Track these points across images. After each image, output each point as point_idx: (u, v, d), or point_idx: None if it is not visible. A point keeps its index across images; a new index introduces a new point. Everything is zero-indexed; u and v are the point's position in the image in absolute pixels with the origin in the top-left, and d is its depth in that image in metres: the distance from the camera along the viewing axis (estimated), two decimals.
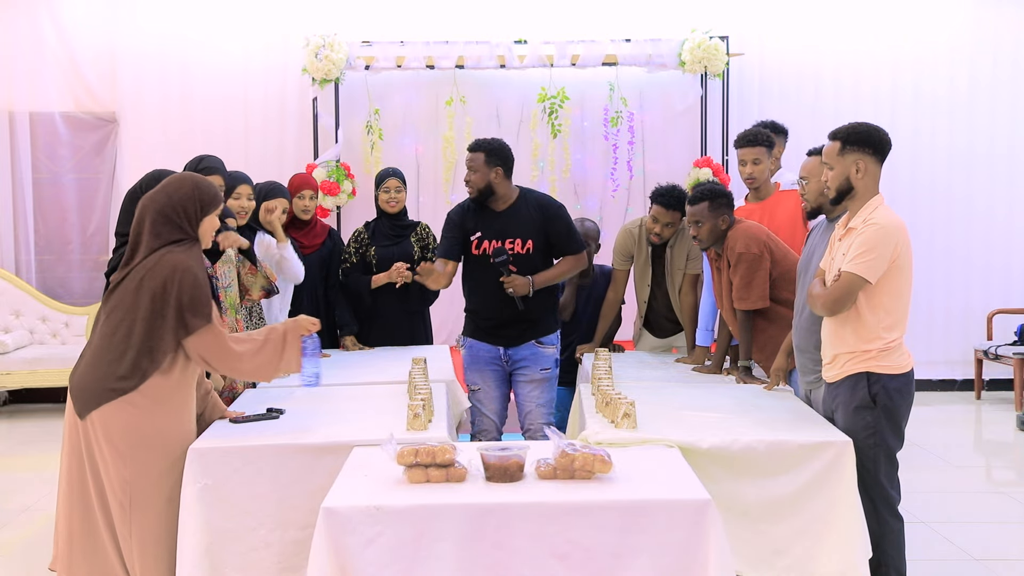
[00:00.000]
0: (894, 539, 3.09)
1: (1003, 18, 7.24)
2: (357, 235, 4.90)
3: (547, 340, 4.23)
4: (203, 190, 3.01)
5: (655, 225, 4.37)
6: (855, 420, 3.08)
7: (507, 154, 4.14)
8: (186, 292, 2.86)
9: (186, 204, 2.96)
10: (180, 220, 2.95)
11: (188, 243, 2.97)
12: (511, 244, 4.11)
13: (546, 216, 4.17)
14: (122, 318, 2.88)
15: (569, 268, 4.24)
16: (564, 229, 4.20)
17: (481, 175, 4.10)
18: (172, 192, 2.98)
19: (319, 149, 6.87)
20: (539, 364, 4.21)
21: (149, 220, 2.93)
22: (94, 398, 2.85)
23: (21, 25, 7.04)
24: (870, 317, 3.04)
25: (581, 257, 4.26)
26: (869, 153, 3.08)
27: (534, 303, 4.14)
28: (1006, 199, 7.32)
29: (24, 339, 6.98)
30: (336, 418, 3.31)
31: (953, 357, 7.35)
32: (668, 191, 4.36)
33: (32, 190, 7.12)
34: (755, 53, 7.11)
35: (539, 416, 4.19)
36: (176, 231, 2.94)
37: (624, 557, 2.44)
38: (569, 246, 4.21)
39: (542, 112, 6.85)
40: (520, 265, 4.09)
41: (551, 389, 4.26)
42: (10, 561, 4.07)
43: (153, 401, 2.88)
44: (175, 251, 2.91)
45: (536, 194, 4.28)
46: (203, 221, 3.00)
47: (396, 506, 2.46)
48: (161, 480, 2.89)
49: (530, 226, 4.13)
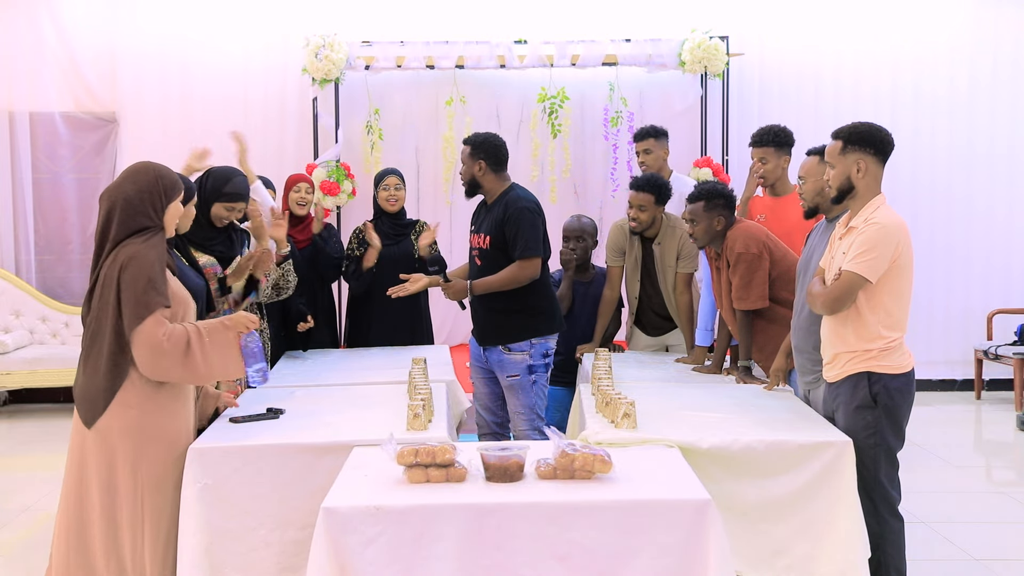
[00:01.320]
0: (894, 539, 3.09)
1: (1003, 18, 7.24)
2: (357, 233, 4.92)
3: (516, 347, 4.11)
4: (164, 176, 3.00)
5: (630, 210, 4.43)
6: (856, 420, 3.08)
7: (492, 148, 4.12)
8: (127, 284, 2.81)
9: (151, 190, 2.95)
10: (145, 207, 2.93)
11: (153, 231, 2.93)
12: (479, 239, 4.17)
13: (506, 216, 4.07)
14: (95, 319, 2.88)
15: (511, 276, 4.05)
16: (513, 232, 4.03)
17: (467, 168, 4.17)
18: (136, 180, 2.96)
19: (319, 149, 6.87)
20: (505, 371, 4.14)
21: (118, 212, 2.90)
22: (93, 406, 2.85)
23: (21, 25, 7.04)
24: (871, 317, 3.04)
25: (526, 265, 4.04)
26: (871, 153, 3.08)
27: (497, 307, 4.11)
28: (1006, 199, 7.32)
29: (24, 339, 6.98)
30: (336, 418, 3.31)
31: (953, 357, 7.35)
32: (641, 177, 4.48)
33: (32, 190, 7.12)
34: (755, 53, 7.11)
35: (519, 422, 4.13)
36: (143, 218, 2.92)
37: (624, 557, 2.44)
38: (514, 250, 4.04)
39: (542, 112, 6.85)
40: (484, 260, 4.16)
41: (528, 395, 4.13)
42: (10, 561, 4.07)
43: (147, 398, 2.86)
44: (134, 242, 2.88)
45: (515, 192, 4.16)
46: (168, 208, 2.99)
47: (396, 506, 2.46)
48: (168, 477, 2.89)
49: (493, 222, 4.12)
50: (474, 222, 4.29)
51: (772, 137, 4.43)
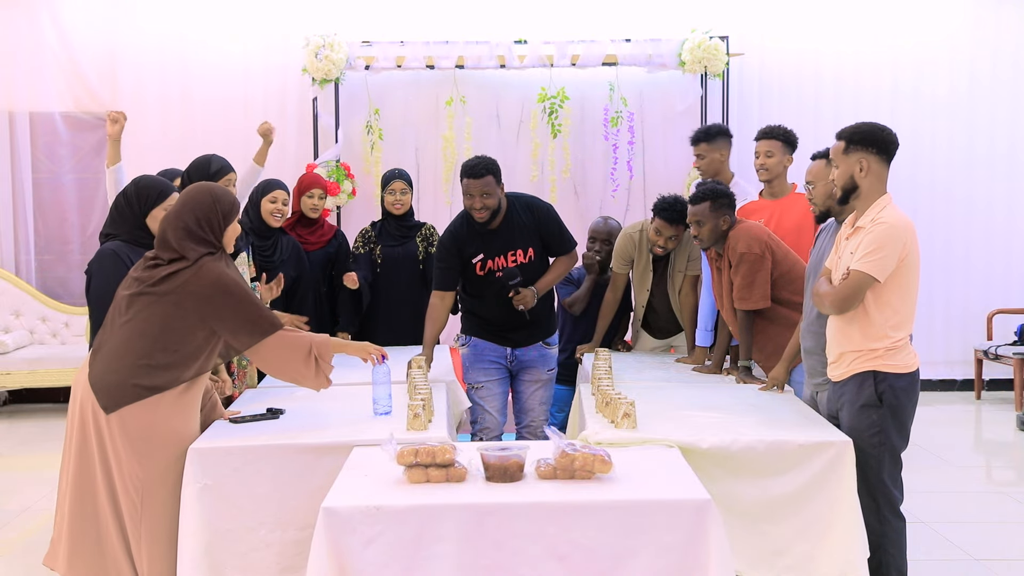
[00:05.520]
0: (896, 538, 3.09)
1: (1003, 18, 7.24)
2: (364, 234, 4.94)
3: (552, 340, 4.29)
4: (222, 199, 3.05)
5: (658, 238, 4.33)
6: (861, 418, 3.08)
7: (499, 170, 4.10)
8: (228, 304, 2.92)
9: (210, 217, 3.00)
10: (206, 234, 2.98)
11: (218, 254, 3.01)
12: (514, 256, 4.10)
13: (538, 220, 4.15)
14: (162, 320, 2.89)
15: (564, 269, 4.27)
16: (556, 230, 4.20)
17: (495, 197, 4.02)
18: (194, 208, 3.00)
19: (319, 149, 6.86)
20: (546, 365, 4.28)
21: (177, 237, 2.95)
22: (122, 394, 2.86)
23: (21, 25, 7.04)
24: (877, 316, 3.04)
25: (573, 256, 4.28)
26: (873, 152, 3.09)
27: (537, 306, 4.15)
28: (1006, 199, 7.32)
29: (24, 339, 6.98)
30: (336, 418, 3.31)
31: (953, 357, 7.34)
32: (671, 205, 4.29)
33: (32, 190, 7.12)
34: (755, 53, 7.10)
35: (541, 414, 4.25)
36: (204, 244, 2.97)
37: (624, 557, 2.44)
38: (562, 246, 4.22)
39: (542, 112, 6.85)
40: (525, 273, 4.09)
41: (552, 388, 4.34)
42: (10, 561, 4.07)
43: (173, 403, 2.92)
44: (211, 261, 2.95)
45: (522, 198, 4.22)
46: (227, 231, 3.05)
47: (396, 506, 2.46)
48: (173, 480, 2.91)
49: (527, 234, 4.12)
50: (480, 249, 4.09)
51: (781, 133, 4.48)
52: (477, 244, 4.12)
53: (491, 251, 4.11)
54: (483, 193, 3.98)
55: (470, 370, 4.28)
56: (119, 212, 3.44)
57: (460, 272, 4.16)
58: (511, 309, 4.08)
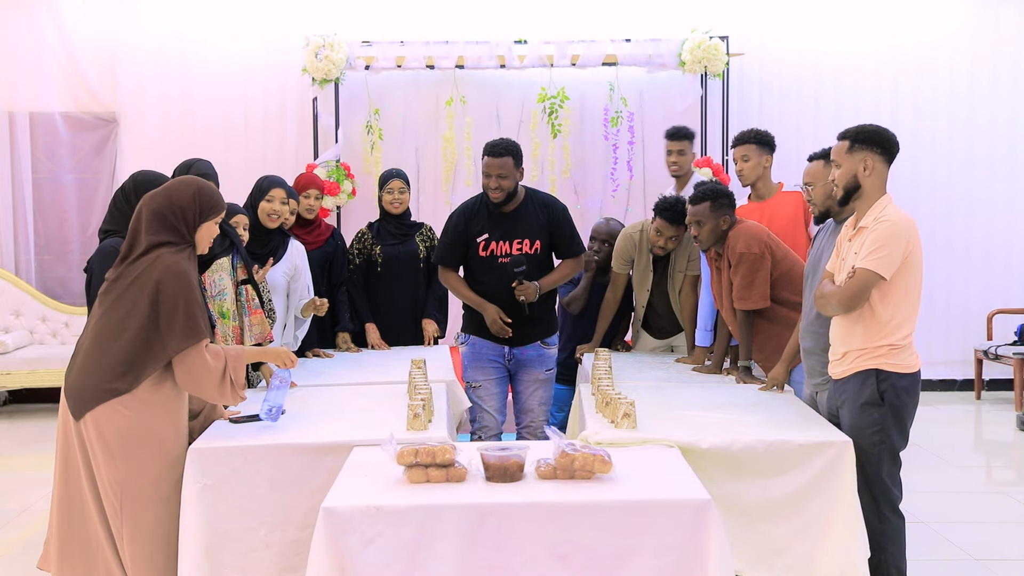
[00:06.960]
0: (895, 537, 3.09)
1: (1003, 18, 7.24)
2: (360, 236, 4.92)
3: (551, 340, 4.29)
4: (204, 195, 2.98)
5: (659, 238, 4.35)
6: (862, 416, 3.08)
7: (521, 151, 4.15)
8: (170, 300, 2.83)
9: (185, 207, 2.94)
10: (177, 222, 2.92)
11: (183, 247, 2.94)
12: (519, 244, 4.11)
13: (552, 218, 4.18)
14: (119, 318, 2.85)
15: (569, 272, 4.29)
16: (568, 232, 4.23)
17: (512, 179, 4.06)
18: (173, 193, 2.96)
19: (319, 149, 6.86)
20: (545, 365, 4.27)
21: (146, 218, 2.91)
22: (89, 399, 2.84)
23: (21, 25, 7.04)
24: (882, 313, 3.04)
25: (580, 260, 4.30)
26: (877, 152, 3.10)
27: (538, 305, 4.15)
28: (1006, 199, 7.32)
29: (24, 339, 6.98)
30: (336, 418, 3.31)
31: (953, 357, 7.34)
32: (672, 205, 4.30)
33: (32, 190, 7.11)
34: (755, 53, 7.11)
35: (541, 414, 4.25)
36: (172, 233, 2.91)
37: (624, 557, 2.44)
38: (570, 248, 4.24)
39: (542, 112, 6.85)
40: (527, 265, 4.10)
41: (551, 387, 4.33)
42: (10, 561, 4.07)
43: (147, 403, 2.86)
44: (171, 253, 2.88)
45: (541, 194, 4.30)
46: (201, 227, 2.98)
47: (396, 506, 2.46)
48: (154, 481, 2.88)
49: (537, 226, 4.14)
50: (487, 229, 4.12)
51: (753, 135, 4.41)
52: (485, 223, 4.15)
53: (498, 234, 4.13)
54: (499, 173, 4.03)
55: (469, 369, 4.29)
56: (118, 208, 3.41)
57: (462, 251, 4.18)
58: (512, 300, 4.09)
